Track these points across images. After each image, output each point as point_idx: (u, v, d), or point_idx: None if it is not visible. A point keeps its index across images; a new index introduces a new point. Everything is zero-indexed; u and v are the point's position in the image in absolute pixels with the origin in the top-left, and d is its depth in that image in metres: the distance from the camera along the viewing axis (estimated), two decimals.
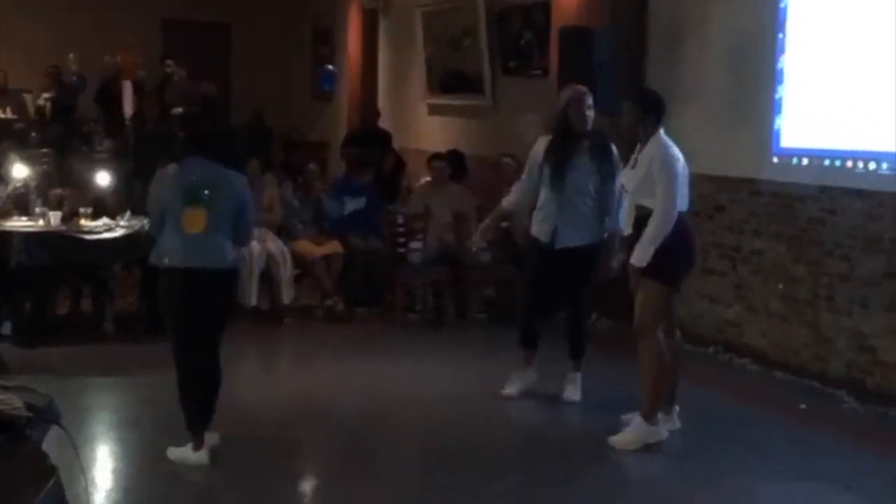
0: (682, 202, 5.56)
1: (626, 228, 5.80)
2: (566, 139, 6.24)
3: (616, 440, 5.55)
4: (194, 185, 5.14)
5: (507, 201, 6.66)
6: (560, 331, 6.60)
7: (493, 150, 10.04)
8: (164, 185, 5.24)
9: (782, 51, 7.25)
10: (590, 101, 6.26)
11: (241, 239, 5.40)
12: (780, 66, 7.26)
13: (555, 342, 6.55)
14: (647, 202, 5.51)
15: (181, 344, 5.21)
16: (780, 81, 7.26)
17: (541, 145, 6.40)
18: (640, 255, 5.43)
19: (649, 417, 5.53)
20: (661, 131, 5.57)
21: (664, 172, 5.44)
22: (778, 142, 7.30)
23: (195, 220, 5.09)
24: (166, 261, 5.15)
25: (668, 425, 5.68)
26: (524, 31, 10.18)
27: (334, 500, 5.07)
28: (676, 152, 5.54)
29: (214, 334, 5.26)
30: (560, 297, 6.49)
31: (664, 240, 5.41)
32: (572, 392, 6.46)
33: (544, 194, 6.32)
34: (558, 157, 6.23)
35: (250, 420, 6.07)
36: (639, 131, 5.58)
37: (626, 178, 5.76)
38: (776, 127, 7.30)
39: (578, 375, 6.51)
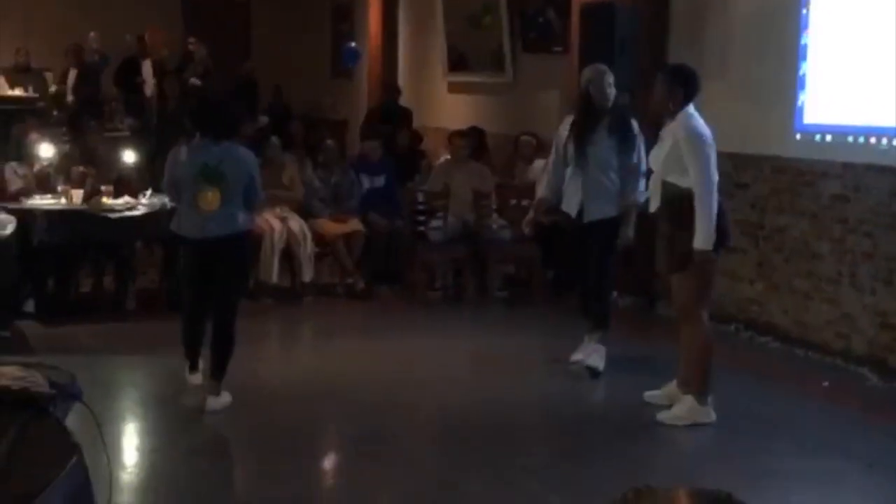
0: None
1: (653, 204, 5.76)
2: (588, 116, 6.34)
3: (665, 416, 5.56)
4: (206, 166, 5.56)
5: (543, 190, 6.72)
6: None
7: (513, 127, 10.01)
8: (177, 167, 5.70)
9: (806, 27, 7.18)
10: (610, 78, 6.40)
11: (252, 204, 5.82)
12: (803, 42, 7.19)
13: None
14: (672, 178, 5.48)
15: (188, 295, 5.85)
16: (804, 58, 7.19)
17: (565, 125, 6.55)
18: (705, 238, 5.36)
19: (700, 398, 5.53)
20: (691, 107, 5.52)
21: (695, 147, 5.39)
22: (801, 118, 7.24)
23: (210, 200, 5.55)
24: (184, 232, 5.71)
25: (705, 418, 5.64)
26: (545, 7, 10.12)
27: (355, 477, 5.09)
28: (705, 128, 5.50)
29: (229, 293, 5.77)
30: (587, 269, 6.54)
31: (685, 229, 5.36)
32: (597, 360, 6.49)
33: (570, 172, 6.44)
34: (581, 134, 6.34)
35: (270, 397, 6.11)
36: (668, 105, 5.53)
37: (652, 155, 5.73)
38: (799, 103, 7.24)
39: (602, 346, 6.53)
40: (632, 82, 7.48)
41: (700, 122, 5.50)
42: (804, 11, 7.18)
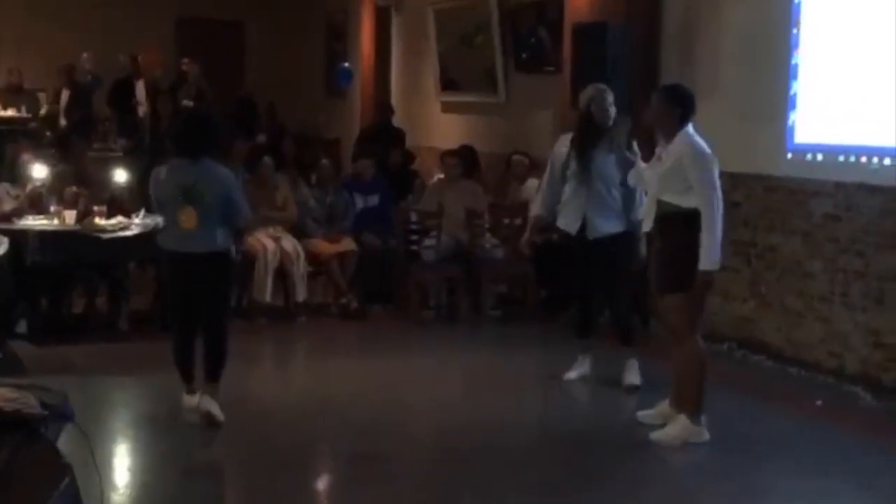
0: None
1: (645, 224, 5.77)
2: (588, 134, 6.43)
3: (659, 436, 5.56)
4: (183, 185, 5.69)
5: (538, 208, 6.77)
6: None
7: (506, 146, 10.03)
8: (158, 187, 5.86)
9: (796, 46, 7.22)
10: (611, 97, 6.51)
11: (235, 222, 5.89)
12: (794, 61, 7.23)
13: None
14: (668, 197, 5.47)
15: (177, 312, 5.98)
16: (795, 77, 7.23)
17: (562, 143, 6.60)
18: (712, 260, 5.35)
19: (694, 417, 5.53)
20: (690, 127, 5.52)
21: (704, 168, 5.39)
22: (792, 137, 7.27)
23: (189, 218, 5.68)
24: (167, 247, 5.87)
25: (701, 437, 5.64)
26: (537, 27, 10.16)
27: (348, 498, 5.07)
28: (708, 148, 5.50)
29: (215, 309, 5.89)
30: (596, 285, 6.60)
31: (686, 247, 5.35)
32: (632, 377, 6.53)
33: (570, 188, 6.47)
34: (583, 150, 6.40)
35: (263, 417, 6.09)
36: (664, 125, 5.54)
37: (647, 173, 5.72)
38: (790, 122, 7.27)
39: (635, 361, 6.58)
40: (625, 101, 7.51)
41: (703, 142, 5.51)
42: (795, 31, 7.22)
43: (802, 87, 7.19)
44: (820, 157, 7.08)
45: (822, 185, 7.05)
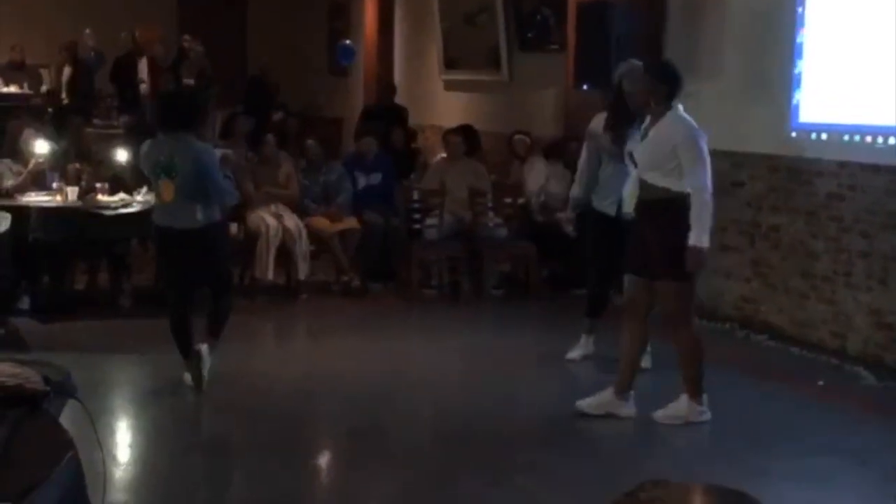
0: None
1: (627, 205, 5.71)
2: (621, 112, 6.21)
3: (660, 415, 5.56)
4: (161, 160, 5.87)
5: (576, 188, 6.68)
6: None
7: (509, 125, 10.00)
8: (141, 162, 6.11)
9: (802, 25, 7.19)
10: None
11: (215, 197, 5.95)
12: (799, 40, 7.19)
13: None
14: (655, 178, 5.38)
15: (168, 286, 6.18)
16: (800, 56, 7.20)
17: (597, 122, 6.44)
18: (702, 236, 5.27)
19: (696, 397, 5.52)
20: (681, 107, 5.45)
21: (698, 150, 5.33)
22: (797, 117, 7.25)
23: (166, 191, 5.87)
24: (154, 221, 6.06)
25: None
26: (541, 5, 10.12)
27: (349, 475, 5.08)
28: (697, 127, 5.44)
29: (210, 279, 6.06)
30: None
31: (674, 234, 5.28)
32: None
33: (608, 170, 6.37)
34: (617, 129, 6.21)
35: (265, 394, 6.10)
36: (650, 102, 5.47)
37: (635, 151, 5.61)
38: (795, 102, 7.24)
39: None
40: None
41: (694, 123, 5.44)
42: (800, 10, 7.19)
43: (807, 67, 7.16)
44: (824, 136, 7.06)
45: (826, 164, 7.03)
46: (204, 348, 5.91)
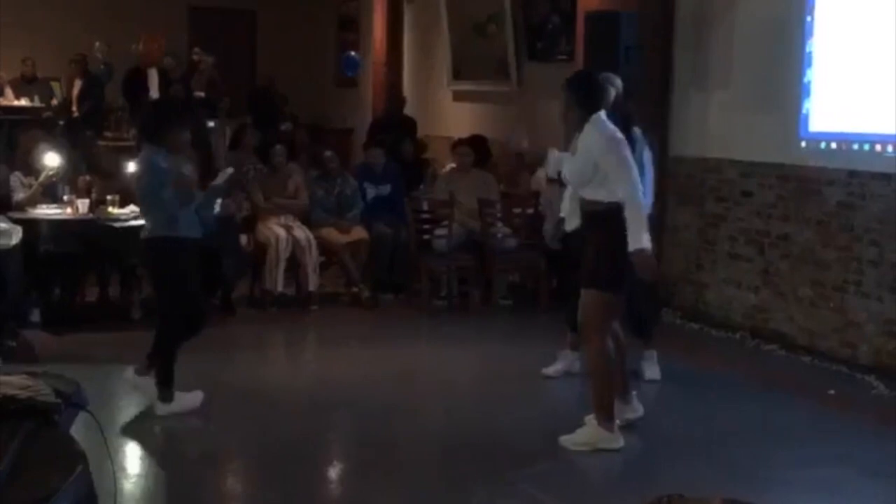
0: (647, 192, 5.33)
1: (569, 223, 5.63)
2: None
3: (565, 441, 5.35)
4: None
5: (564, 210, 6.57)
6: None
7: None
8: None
9: (811, 34, 7.19)
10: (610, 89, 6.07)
11: (153, 211, 5.83)
12: (808, 49, 7.20)
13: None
14: (588, 193, 5.26)
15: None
16: (809, 65, 7.20)
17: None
18: (638, 237, 5.07)
19: (606, 423, 5.31)
20: (601, 114, 5.26)
21: (616, 150, 5.15)
22: (806, 126, 7.24)
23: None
24: None
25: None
26: (550, 15, 10.14)
27: (358, 486, 5.08)
28: (617, 132, 5.24)
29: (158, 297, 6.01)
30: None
31: (607, 245, 5.15)
32: (652, 371, 6.48)
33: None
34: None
35: (276, 405, 6.10)
36: (570, 118, 5.32)
37: (565, 167, 5.45)
38: (804, 111, 7.24)
39: (653, 353, 6.53)
40: (638, 90, 7.48)
41: (612, 129, 5.24)
42: (809, 19, 7.19)
43: (817, 75, 7.16)
44: (834, 145, 7.06)
45: (836, 173, 7.03)
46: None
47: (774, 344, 7.41)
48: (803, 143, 7.28)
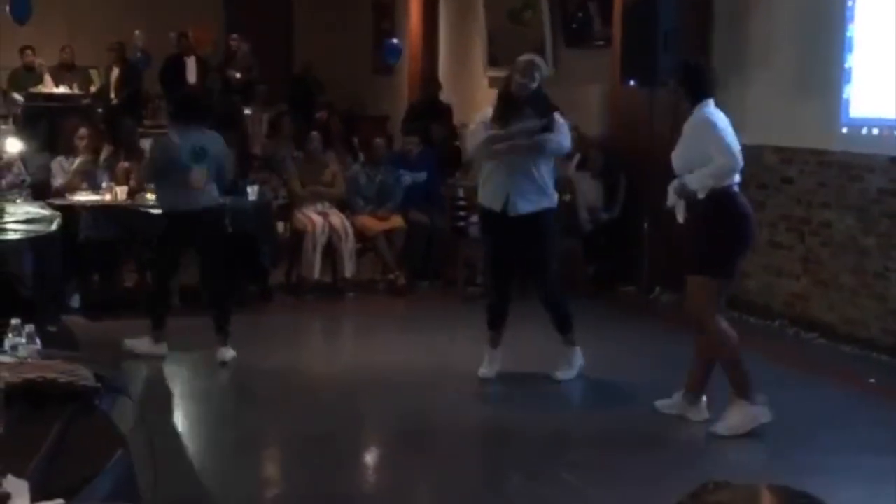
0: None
1: (678, 214, 5.64)
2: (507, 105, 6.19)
3: (719, 429, 5.32)
4: (196, 149, 6.41)
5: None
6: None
7: None
8: (168, 153, 6.50)
9: (851, 19, 7.09)
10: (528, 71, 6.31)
11: (223, 185, 6.82)
12: (849, 34, 7.09)
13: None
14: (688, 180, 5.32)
15: (165, 262, 6.80)
16: (850, 50, 7.10)
17: (483, 115, 6.41)
18: (699, 180, 5.20)
19: (751, 399, 5.31)
20: (711, 102, 5.34)
21: (706, 132, 5.22)
22: (847, 112, 7.15)
23: (202, 176, 6.42)
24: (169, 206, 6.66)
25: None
26: (587, 1, 10.06)
27: (395, 472, 5.09)
28: (718, 117, 5.30)
29: (214, 259, 6.66)
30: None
31: (714, 228, 5.21)
32: (564, 371, 6.32)
33: (491, 164, 6.19)
34: (504, 122, 6.12)
35: (313, 392, 6.13)
36: (682, 102, 5.42)
37: (673, 157, 5.49)
38: (845, 96, 7.14)
39: (576, 350, 6.41)
40: (676, 77, 7.40)
41: (713, 114, 5.31)
42: (850, 3, 7.09)
43: (858, 61, 7.06)
44: (875, 131, 6.96)
45: (877, 159, 6.93)
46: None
47: (814, 332, 7.33)
48: (844, 129, 7.19)
